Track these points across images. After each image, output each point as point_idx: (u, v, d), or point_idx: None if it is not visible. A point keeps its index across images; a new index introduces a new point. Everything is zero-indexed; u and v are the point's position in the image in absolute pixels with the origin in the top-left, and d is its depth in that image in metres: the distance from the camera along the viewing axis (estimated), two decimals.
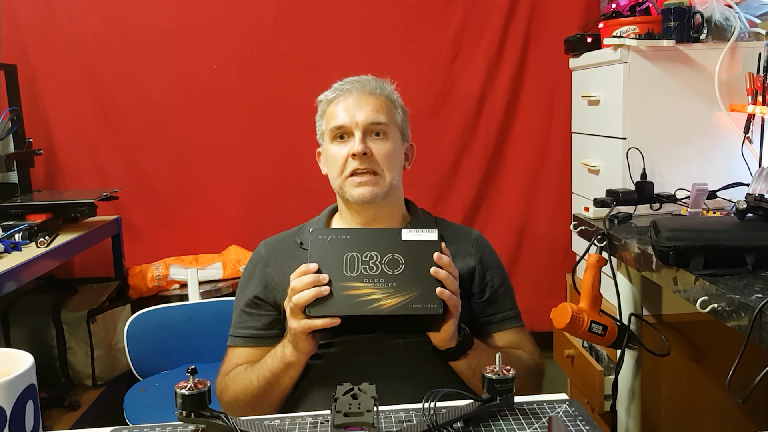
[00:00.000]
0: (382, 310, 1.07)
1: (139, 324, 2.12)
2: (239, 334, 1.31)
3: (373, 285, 1.09)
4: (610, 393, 1.77)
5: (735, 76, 1.86)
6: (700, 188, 1.57)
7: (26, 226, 2.05)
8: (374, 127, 1.28)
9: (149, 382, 2.08)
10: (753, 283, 1.11)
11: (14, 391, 0.77)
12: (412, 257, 1.12)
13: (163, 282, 2.59)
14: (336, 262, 1.11)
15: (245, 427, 0.90)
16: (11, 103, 2.46)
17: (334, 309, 1.08)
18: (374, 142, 1.28)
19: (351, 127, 1.27)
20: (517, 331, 1.34)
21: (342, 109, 1.29)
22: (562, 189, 2.73)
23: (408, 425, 0.92)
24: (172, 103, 2.73)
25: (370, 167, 1.26)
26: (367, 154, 1.25)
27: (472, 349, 1.18)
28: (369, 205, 1.28)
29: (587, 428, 0.91)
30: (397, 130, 1.33)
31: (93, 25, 2.68)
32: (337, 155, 1.29)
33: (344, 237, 1.14)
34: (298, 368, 1.17)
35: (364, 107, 1.28)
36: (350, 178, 1.27)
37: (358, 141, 1.26)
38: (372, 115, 1.28)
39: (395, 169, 1.30)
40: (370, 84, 1.32)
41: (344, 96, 1.30)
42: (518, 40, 2.78)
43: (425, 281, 1.09)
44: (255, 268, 1.35)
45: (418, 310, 1.08)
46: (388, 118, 1.30)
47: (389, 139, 1.29)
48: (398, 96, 1.37)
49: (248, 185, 2.81)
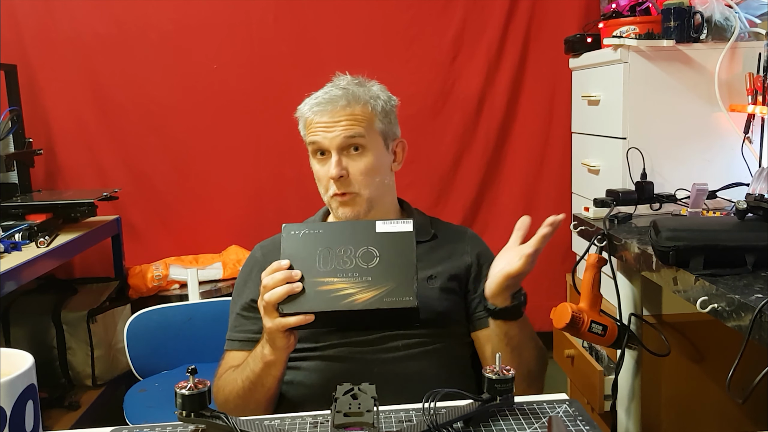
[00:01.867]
0: (356, 305, 1.05)
1: (139, 324, 2.12)
2: (236, 337, 1.30)
3: (347, 279, 1.07)
4: (610, 393, 1.77)
5: (735, 76, 1.86)
6: (700, 188, 1.57)
7: (26, 226, 2.05)
8: (349, 141, 1.26)
9: (149, 382, 2.08)
10: (753, 283, 1.11)
11: (14, 391, 0.77)
12: (387, 250, 1.09)
13: (163, 282, 2.59)
14: (309, 258, 1.09)
15: (245, 427, 0.90)
16: (11, 103, 2.46)
17: (307, 306, 1.06)
18: (351, 159, 1.26)
19: (326, 147, 1.26)
20: None
21: (318, 126, 1.27)
22: (562, 189, 2.73)
23: (408, 425, 0.92)
24: (172, 103, 2.73)
25: (348, 189, 1.26)
26: (343, 176, 1.25)
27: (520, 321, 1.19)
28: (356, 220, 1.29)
29: (587, 428, 0.91)
30: (378, 136, 1.30)
31: (93, 25, 2.68)
32: (320, 173, 1.30)
33: (317, 231, 1.12)
34: (279, 366, 1.16)
35: (338, 125, 1.26)
36: (334, 197, 1.28)
37: (333, 164, 1.25)
38: (345, 131, 1.25)
39: (373, 184, 1.28)
40: (341, 101, 1.28)
41: (318, 115, 1.28)
42: (518, 40, 2.78)
43: (400, 274, 1.07)
44: (251, 271, 1.34)
45: (392, 303, 1.05)
46: (365, 128, 1.27)
47: (367, 151, 1.27)
48: (378, 92, 1.33)
49: (248, 185, 2.81)
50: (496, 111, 2.82)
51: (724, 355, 1.23)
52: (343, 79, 1.34)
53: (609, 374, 1.86)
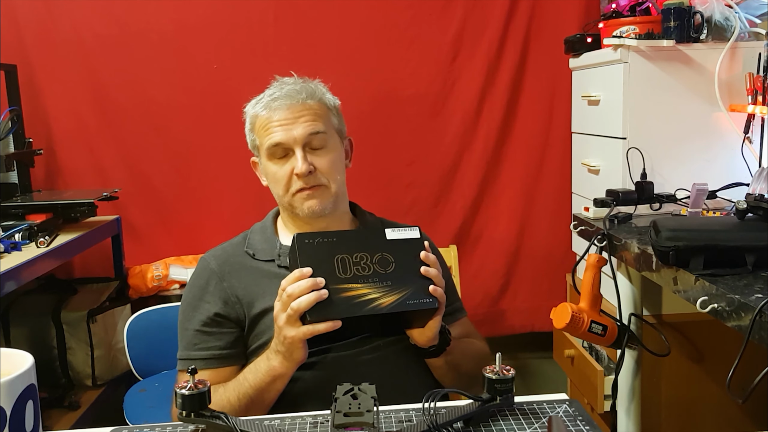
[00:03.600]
0: (381, 309, 1.07)
1: (139, 324, 2.13)
2: (197, 356, 1.23)
3: (369, 285, 1.09)
4: (610, 393, 1.77)
5: (735, 76, 1.86)
6: (700, 188, 1.57)
7: (26, 226, 2.05)
8: (313, 138, 1.25)
9: (149, 382, 2.08)
10: (753, 283, 1.11)
11: (14, 391, 0.77)
12: (400, 255, 1.13)
13: (163, 282, 2.59)
14: (328, 265, 1.10)
15: (245, 427, 0.90)
16: (11, 103, 2.46)
17: (334, 312, 1.07)
18: (315, 155, 1.25)
19: (290, 144, 1.24)
20: (464, 322, 1.39)
21: (276, 125, 1.25)
22: (562, 189, 2.73)
23: (408, 425, 0.92)
24: (172, 103, 2.73)
25: (316, 182, 1.25)
26: (312, 172, 1.24)
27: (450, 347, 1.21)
28: (318, 218, 1.27)
29: (587, 428, 0.91)
30: (335, 133, 1.30)
31: (93, 26, 2.67)
32: (279, 174, 1.26)
33: (331, 240, 1.14)
34: (285, 380, 1.14)
35: (299, 120, 1.24)
36: (298, 194, 1.26)
37: (300, 160, 1.23)
38: (309, 127, 1.24)
39: (338, 176, 1.28)
40: (300, 94, 1.26)
41: (276, 112, 1.26)
42: (518, 40, 2.78)
43: (416, 278, 1.12)
44: (207, 284, 1.30)
45: (416, 305, 1.10)
46: (324, 125, 1.27)
47: (329, 148, 1.27)
48: (327, 91, 1.33)
49: (248, 185, 2.80)
50: (496, 111, 2.81)
51: (724, 355, 1.23)
52: (289, 79, 1.33)
53: (609, 374, 1.86)
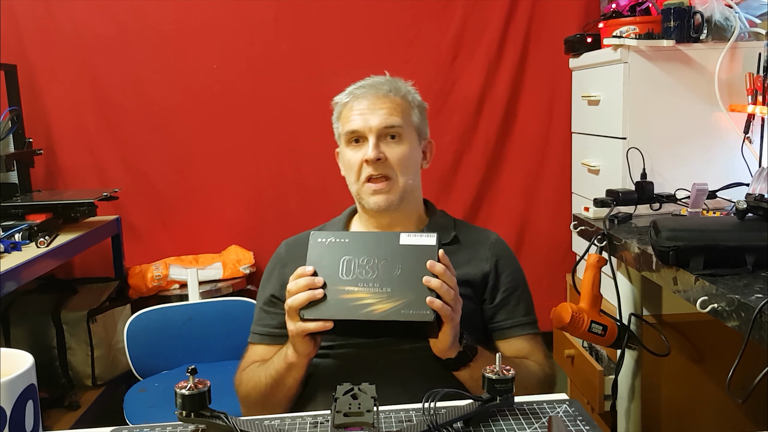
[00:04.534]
0: (374, 315, 1.06)
1: (139, 324, 2.12)
2: (257, 331, 1.32)
3: (367, 289, 1.08)
4: (610, 393, 1.77)
5: (735, 76, 1.86)
6: (700, 188, 1.57)
7: (26, 226, 2.05)
8: (388, 130, 1.27)
9: (149, 382, 2.08)
10: (753, 283, 1.11)
11: (14, 391, 0.77)
12: (409, 262, 1.10)
13: (163, 282, 2.59)
14: (332, 266, 1.11)
15: (245, 427, 0.90)
16: (11, 103, 2.46)
17: (327, 313, 1.08)
18: (388, 146, 1.27)
19: (365, 132, 1.27)
20: (528, 339, 1.29)
21: (356, 113, 1.29)
22: (562, 189, 2.73)
23: (408, 425, 0.92)
24: (172, 103, 2.73)
25: (384, 172, 1.26)
26: (380, 159, 1.25)
27: (475, 360, 1.14)
28: (386, 211, 1.29)
29: (587, 428, 0.91)
30: (413, 130, 1.32)
31: (93, 25, 2.68)
32: (353, 160, 1.29)
33: (343, 240, 1.14)
34: (299, 369, 1.17)
35: (377, 111, 1.27)
36: (366, 184, 1.27)
37: (371, 147, 1.25)
38: (385, 118, 1.27)
39: (410, 173, 1.29)
40: (384, 86, 1.31)
41: (358, 100, 1.30)
42: (518, 40, 2.78)
43: (420, 287, 1.07)
44: (274, 267, 1.36)
45: (409, 316, 1.06)
46: (402, 119, 1.29)
47: (404, 141, 1.29)
48: (415, 93, 1.37)
49: (248, 185, 2.81)
50: (496, 111, 2.82)
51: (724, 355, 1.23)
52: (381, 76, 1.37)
53: (609, 374, 1.86)
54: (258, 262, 2.72)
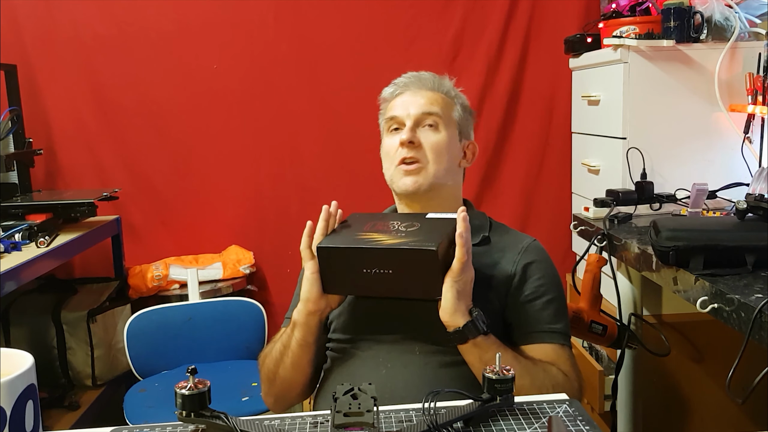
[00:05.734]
0: (379, 245, 1.12)
1: (139, 324, 2.13)
2: (288, 315, 1.34)
3: (383, 233, 1.16)
4: (610, 393, 1.77)
5: (735, 76, 1.86)
6: (700, 188, 1.57)
7: (26, 226, 2.05)
8: (426, 117, 1.29)
9: (149, 382, 2.08)
10: (753, 283, 1.11)
11: (14, 391, 0.77)
12: (429, 223, 1.18)
13: (163, 282, 2.59)
14: (358, 224, 1.21)
15: (245, 427, 0.90)
16: (11, 103, 2.46)
17: (339, 242, 1.16)
18: (424, 132, 1.29)
19: (403, 118, 1.29)
20: (554, 349, 1.21)
21: (398, 102, 1.33)
22: (562, 189, 2.73)
23: (408, 425, 0.92)
24: (172, 103, 2.73)
25: (417, 156, 1.27)
26: (413, 143, 1.27)
27: (486, 340, 1.11)
28: (415, 195, 1.29)
29: (587, 428, 0.91)
30: (453, 124, 1.33)
31: (93, 26, 2.67)
32: (389, 146, 1.31)
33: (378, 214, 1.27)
34: (300, 329, 1.20)
35: (418, 101, 1.31)
36: (399, 167, 1.28)
37: (407, 130, 1.28)
38: (424, 106, 1.30)
39: (443, 162, 1.29)
40: (428, 81, 1.35)
41: (402, 90, 1.34)
42: (518, 40, 2.78)
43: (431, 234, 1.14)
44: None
45: (413, 245, 1.11)
46: (442, 111, 1.31)
47: (440, 131, 1.30)
48: (459, 93, 1.38)
49: (248, 185, 2.81)
50: (496, 111, 2.81)
51: (724, 355, 1.23)
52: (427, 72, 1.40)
53: (609, 374, 1.86)
54: (258, 262, 2.71)
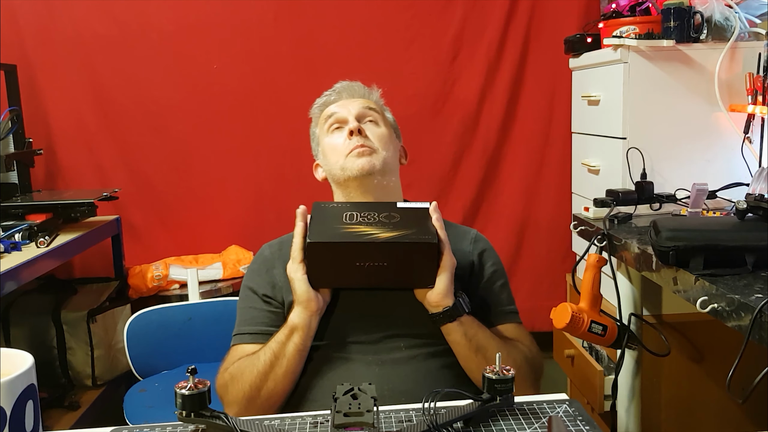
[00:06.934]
0: (378, 239, 1.12)
1: (139, 324, 2.12)
2: (247, 331, 1.30)
3: (371, 226, 1.15)
4: (610, 393, 1.77)
5: (735, 76, 1.86)
6: (700, 188, 1.57)
7: (26, 226, 2.05)
8: (367, 112, 1.36)
9: (149, 382, 2.08)
10: (753, 283, 1.11)
11: (14, 391, 0.77)
12: (407, 214, 1.19)
13: (163, 282, 2.59)
14: (335, 218, 1.18)
15: (245, 427, 0.90)
16: (11, 103, 2.46)
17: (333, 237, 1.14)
18: (367, 126, 1.35)
19: (345, 115, 1.35)
20: (515, 327, 1.33)
21: (335, 106, 1.39)
22: (562, 189, 2.73)
23: (408, 425, 0.92)
24: (172, 103, 2.73)
25: (366, 142, 1.32)
26: (362, 132, 1.32)
27: (468, 317, 1.19)
28: (370, 177, 1.30)
29: (587, 428, 0.91)
30: (389, 125, 1.40)
31: (93, 25, 2.68)
32: (336, 142, 1.35)
33: (344, 204, 1.24)
34: (301, 332, 1.18)
35: (354, 102, 1.38)
36: (351, 152, 1.31)
37: (352, 121, 1.33)
38: (364, 103, 1.38)
39: (390, 149, 1.35)
40: (360, 90, 1.42)
41: (336, 97, 1.41)
42: (518, 40, 2.78)
43: (418, 225, 1.16)
44: (259, 269, 1.36)
45: (413, 238, 1.13)
46: (379, 110, 1.40)
47: (381, 126, 1.37)
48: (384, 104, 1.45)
49: (248, 185, 2.81)
50: (496, 111, 2.82)
51: (724, 355, 1.23)
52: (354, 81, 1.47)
53: (609, 374, 1.86)
54: None
